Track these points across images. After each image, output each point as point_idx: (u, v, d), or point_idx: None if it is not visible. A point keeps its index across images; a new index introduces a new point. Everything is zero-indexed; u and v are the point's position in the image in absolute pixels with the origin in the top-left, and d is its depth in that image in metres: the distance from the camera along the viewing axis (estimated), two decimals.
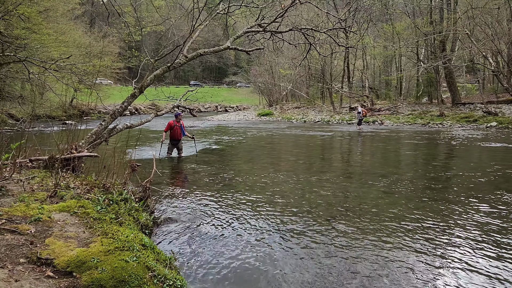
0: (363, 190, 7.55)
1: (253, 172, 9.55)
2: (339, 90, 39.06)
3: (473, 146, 14.26)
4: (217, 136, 20.43)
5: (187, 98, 11.50)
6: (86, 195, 4.64)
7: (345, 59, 37.58)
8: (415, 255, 4.37)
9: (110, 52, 37.12)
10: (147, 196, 5.43)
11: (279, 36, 10.05)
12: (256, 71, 53.16)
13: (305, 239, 4.88)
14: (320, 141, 18.09)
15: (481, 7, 25.59)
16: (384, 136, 19.30)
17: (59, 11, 26.37)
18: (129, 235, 3.70)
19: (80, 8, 39.44)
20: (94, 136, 6.47)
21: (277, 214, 5.93)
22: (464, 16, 27.12)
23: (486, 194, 7.08)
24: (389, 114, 30.88)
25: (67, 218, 3.91)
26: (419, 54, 34.95)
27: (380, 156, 12.71)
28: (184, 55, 7.88)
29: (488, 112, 24.97)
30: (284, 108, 42.65)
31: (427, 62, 32.03)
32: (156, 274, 3.11)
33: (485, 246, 4.63)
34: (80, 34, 33.60)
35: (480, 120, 24.00)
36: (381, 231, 5.16)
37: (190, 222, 5.54)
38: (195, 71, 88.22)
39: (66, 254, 3.16)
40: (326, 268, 4.07)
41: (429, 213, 5.94)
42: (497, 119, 23.26)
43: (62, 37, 24.60)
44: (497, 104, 27.25)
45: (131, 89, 7.69)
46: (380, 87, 46.21)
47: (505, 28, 26.38)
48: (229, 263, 4.19)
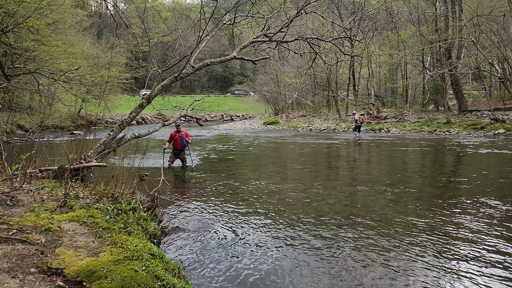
0: (371, 198, 7.52)
1: (260, 181, 9.56)
2: (345, 98, 39.05)
3: (481, 154, 14.17)
4: (223, 145, 20.48)
5: (194, 108, 11.56)
6: (95, 204, 4.69)
7: (351, 68, 37.61)
8: (424, 266, 4.35)
9: (117, 63, 37.56)
10: (155, 206, 5.47)
11: (285, 46, 10.12)
12: (262, 80, 53.37)
13: (313, 249, 4.87)
14: (326, 149, 18.07)
15: (486, 15, 25.55)
16: (391, 143, 19.24)
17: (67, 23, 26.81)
18: (138, 244, 3.73)
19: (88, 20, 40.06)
20: (102, 146, 6.54)
21: (284, 223, 5.93)
22: (469, 24, 27.09)
23: (496, 202, 7.02)
24: (396, 122, 30.78)
25: (77, 228, 3.95)
26: (424, 61, 34.91)
27: (387, 164, 12.66)
28: (191, 65, 7.97)
29: (496, 119, 24.81)
30: (290, 116, 42.68)
31: (433, 70, 31.98)
32: (165, 284, 3.13)
33: (496, 257, 4.59)
34: (88, 46, 34.06)
35: (488, 127, 23.83)
36: (390, 240, 5.14)
37: (198, 231, 5.56)
38: (201, 81, 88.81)
39: (76, 264, 3.19)
40: (334, 278, 4.06)
41: (438, 222, 5.91)
42: (504, 126, 23.09)
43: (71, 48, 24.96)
44: (504, 111, 27.06)
45: (138, 99, 7.78)
46: (386, 95, 46.14)
47: (511, 35, 26.31)
48: (237, 273, 4.19)
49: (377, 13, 35.35)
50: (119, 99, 39.30)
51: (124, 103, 33.03)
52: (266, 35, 9.31)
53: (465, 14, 28.67)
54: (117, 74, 34.47)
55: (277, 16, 12.10)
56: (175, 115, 10.14)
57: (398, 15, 36.48)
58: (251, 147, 19.30)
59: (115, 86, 37.06)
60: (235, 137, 26.94)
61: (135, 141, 7.95)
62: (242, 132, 32.58)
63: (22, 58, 16.40)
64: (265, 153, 16.77)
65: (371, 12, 34.24)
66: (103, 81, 20.39)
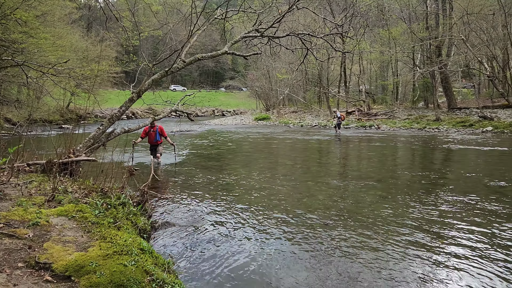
0: (360, 194, 7.58)
1: (250, 176, 9.57)
2: (336, 95, 39.17)
3: (469, 151, 14.34)
4: (214, 140, 20.44)
5: (185, 103, 11.50)
6: (84, 199, 4.65)
7: (342, 64, 37.72)
8: (413, 260, 4.40)
9: (107, 56, 37.13)
10: (145, 200, 5.44)
11: (276, 41, 10.11)
12: (254, 75, 53.28)
13: (303, 244, 4.89)
14: (317, 145, 18.13)
15: (476, 13, 25.79)
16: (381, 140, 19.37)
17: (56, 16, 26.40)
18: (127, 239, 3.71)
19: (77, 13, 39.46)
20: (92, 140, 6.48)
21: (274, 218, 5.95)
22: (459, 22, 27.32)
23: (483, 198, 7.12)
24: (386, 119, 30.99)
25: (65, 223, 3.92)
26: (415, 59, 35.15)
27: (377, 160, 12.76)
28: (182, 60, 7.92)
29: (484, 117, 25.10)
30: (281, 112, 42.71)
31: (423, 67, 32.21)
32: (155, 278, 3.12)
33: (482, 251, 4.66)
34: (77, 39, 33.62)
35: (476, 125, 24.11)
36: (379, 235, 5.19)
37: (188, 226, 5.55)
38: (192, 75, 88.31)
39: (65, 259, 3.16)
40: (325, 272, 4.09)
41: (426, 218, 5.97)
42: (492, 124, 23.38)
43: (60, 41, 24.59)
44: (492, 109, 27.39)
45: (129, 93, 7.71)
46: (376, 91, 46.38)
47: (500, 33, 26.60)
48: (227, 267, 4.20)
49: (369, 10, 35.45)
50: (109, 93, 38.93)
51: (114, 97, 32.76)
52: (257, 30, 9.29)
53: (455, 12, 28.89)
54: (107, 68, 34.09)
55: (269, 12, 12.06)
56: (166, 110, 10.04)
57: (389, 12, 36.67)
58: (242, 143, 19.29)
59: (105, 80, 36.67)
60: (226, 132, 26.90)
61: (125, 136, 7.90)
62: (233, 128, 32.53)
63: (9, 50, 16.12)
64: (256, 149, 16.77)
65: (362, 9, 34.31)
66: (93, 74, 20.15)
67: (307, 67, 39.21)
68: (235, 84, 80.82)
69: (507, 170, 10.01)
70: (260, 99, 52.20)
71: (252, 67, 54.92)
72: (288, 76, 42.76)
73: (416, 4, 32.82)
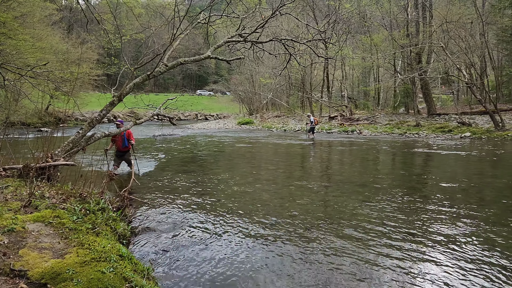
0: (342, 199, 7.63)
1: (233, 181, 9.54)
2: (319, 100, 39.50)
3: (448, 156, 14.63)
4: (196, 145, 20.33)
5: (167, 107, 11.39)
6: (61, 204, 4.55)
7: (325, 70, 38.08)
8: (392, 263, 4.45)
9: (89, 59, 36.60)
10: (125, 206, 5.37)
11: (260, 46, 10.14)
12: (237, 79, 53.32)
13: (285, 248, 4.89)
14: (300, 150, 18.22)
15: (455, 21, 26.40)
16: (363, 145, 19.59)
17: (36, 17, 25.91)
18: (106, 245, 3.65)
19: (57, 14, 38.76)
20: (71, 144, 6.36)
21: (256, 223, 5.94)
22: (439, 30, 27.92)
23: (460, 203, 7.27)
24: (368, 124, 31.38)
25: (42, 229, 3.83)
26: (396, 65, 35.74)
27: (359, 165, 12.89)
28: (164, 64, 7.87)
29: (462, 123, 25.67)
30: (264, 116, 42.80)
31: (403, 74, 32.75)
32: (134, 285, 3.08)
33: (458, 253, 4.75)
34: (57, 41, 33.03)
35: (455, 131, 24.62)
36: (359, 239, 5.23)
37: (169, 232, 5.49)
38: (175, 79, 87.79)
39: (41, 266, 3.09)
40: (305, 276, 4.10)
41: (406, 222, 6.05)
42: (470, 130, 23.92)
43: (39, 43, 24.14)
44: (470, 115, 28.04)
45: (110, 97, 7.61)
46: (358, 97, 46.99)
47: (478, 41, 27.29)
48: (208, 273, 4.16)
49: (351, 16, 35.94)
50: (90, 96, 38.36)
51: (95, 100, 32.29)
52: (241, 35, 9.30)
53: (435, 20, 29.53)
54: (88, 71, 33.59)
55: (252, 17, 12.11)
56: (148, 114, 9.90)
57: (371, 19, 37.24)
58: (225, 147, 19.24)
59: (86, 82, 36.11)
60: (209, 136, 26.80)
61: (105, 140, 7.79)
62: (216, 132, 32.44)
63: None
64: (238, 153, 16.75)
65: (344, 16, 34.78)
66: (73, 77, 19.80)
67: (291, 72, 39.50)
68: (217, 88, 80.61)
69: (484, 175, 10.24)
70: (244, 103, 52.22)
71: (235, 71, 54.99)
72: (272, 80, 42.94)
73: (397, 12, 33.43)
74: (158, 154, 15.35)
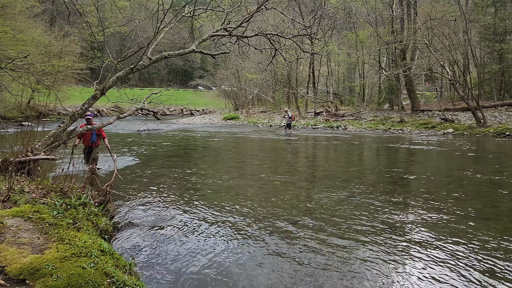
0: (326, 194, 7.68)
1: (218, 176, 9.51)
2: (305, 96, 39.62)
3: (430, 152, 14.84)
4: (181, 140, 20.21)
5: (151, 101, 11.23)
6: (41, 199, 4.47)
7: (310, 65, 38.18)
8: (375, 256, 4.49)
9: (71, 52, 35.90)
10: (107, 201, 5.29)
11: (245, 41, 10.09)
12: (223, 74, 53.09)
13: (268, 243, 4.90)
14: (286, 145, 18.26)
15: (439, 19, 26.74)
16: (348, 141, 19.75)
17: (17, 8, 25.30)
18: (87, 240, 3.59)
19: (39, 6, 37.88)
20: (52, 138, 6.23)
21: (241, 218, 5.93)
22: (423, 27, 28.23)
23: (442, 197, 7.39)
24: (353, 120, 31.62)
25: (21, 224, 3.75)
26: (381, 62, 36.06)
27: (344, 161, 12.99)
28: (148, 57, 7.76)
29: (445, 119, 26.07)
30: (250, 112, 42.76)
31: (388, 70, 33.08)
32: (115, 281, 3.04)
33: (439, 245, 4.82)
34: (39, 33, 32.28)
35: (438, 127, 25.00)
36: (343, 234, 5.27)
37: (152, 227, 5.44)
38: (161, 74, 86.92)
39: (19, 261, 3.03)
40: (288, 270, 4.11)
41: (388, 216, 6.12)
42: (453, 126, 24.32)
43: (20, 35, 23.58)
44: (453, 112, 28.50)
45: (93, 91, 7.48)
46: (344, 93, 47.25)
47: (461, 39, 27.69)
48: (191, 268, 4.14)
49: (336, 12, 36.07)
50: (73, 90, 37.68)
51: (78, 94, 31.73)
52: (226, 30, 9.24)
53: (420, 17, 29.85)
54: (71, 64, 32.97)
55: (237, 11, 12.03)
56: (132, 108, 9.74)
57: (357, 15, 37.45)
58: (210, 142, 19.16)
59: (68, 76, 35.44)
60: (194, 131, 26.65)
61: None
62: (201, 127, 32.29)
63: None
64: (224, 149, 16.70)
65: (330, 11, 34.89)
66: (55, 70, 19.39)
67: (276, 67, 39.50)
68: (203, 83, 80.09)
69: (466, 170, 10.42)
70: (229, 99, 52.06)
71: (221, 66, 54.71)
72: (257, 76, 42.88)
73: (382, 9, 33.68)
74: (142, 148, 15.20)
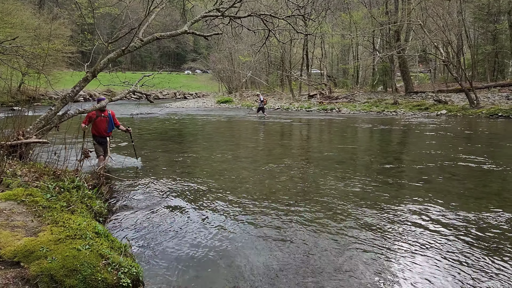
0: (321, 175, 7.70)
1: (212, 159, 9.50)
2: (298, 78, 39.42)
3: (424, 133, 14.90)
4: (175, 123, 20.10)
5: (144, 84, 11.08)
6: (34, 183, 4.43)
7: (304, 47, 37.88)
8: (369, 236, 4.53)
9: (61, 35, 35.25)
10: (101, 183, 5.26)
11: (238, 22, 9.95)
12: (216, 57, 52.52)
13: (264, 225, 4.92)
14: (280, 128, 18.24)
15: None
16: (342, 123, 19.76)
17: None
18: (81, 223, 3.57)
19: None
20: (43, 121, 6.15)
21: (235, 201, 5.94)
22: (417, 7, 28.05)
23: (435, 178, 7.44)
24: (346, 102, 31.59)
25: (14, 207, 3.72)
26: (375, 43, 35.85)
27: (338, 143, 13.01)
28: (140, 39, 7.63)
29: (439, 101, 26.12)
30: (243, 95, 42.53)
31: (382, 52, 32.93)
32: (110, 262, 3.03)
33: (431, 225, 4.87)
34: (28, 15, 31.63)
35: (431, 108, 25.06)
36: (338, 214, 5.30)
37: (147, 210, 5.43)
38: (153, 57, 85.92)
39: (13, 244, 3.01)
40: (285, 251, 4.13)
41: (383, 197, 6.16)
42: (446, 107, 24.39)
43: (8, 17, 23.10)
44: (447, 93, 28.55)
45: (84, 74, 7.35)
46: (338, 75, 47.04)
47: (455, 19, 27.55)
48: (187, 250, 4.15)
49: None
50: (64, 73, 37.16)
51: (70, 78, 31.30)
52: (218, 10, 9.09)
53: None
54: (61, 47, 32.41)
55: None
56: (124, 91, 9.58)
57: None
58: (204, 126, 19.09)
59: (59, 60, 34.89)
60: (188, 115, 26.51)
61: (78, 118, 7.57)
62: (195, 111, 32.12)
63: None
64: (218, 132, 16.65)
65: None
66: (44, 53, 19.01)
67: (270, 50, 39.14)
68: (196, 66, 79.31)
69: (458, 151, 10.49)
70: (223, 82, 51.65)
71: (214, 49, 54.09)
72: (251, 58, 42.49)
73: None
74: (136, 132, 15.11)
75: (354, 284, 3.44)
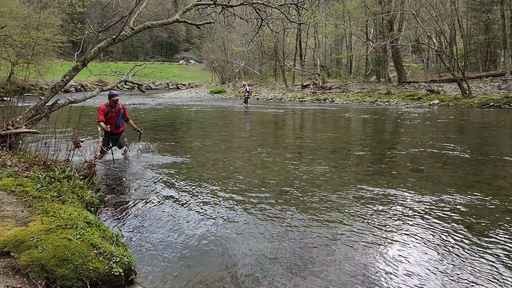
0: (314, 165, 7.71)
1: (205, 149, 9.47)
2: (292, 68, 39.32)
3: (416, 123, 14.97)
4: (168, 114, 19.99)
5: (136, 73, 10.94)
6: (24, 173, 4.38)
7: (297, 37, 37.72)
8: (362, 225, 4.55)
9: (52, 24, 34.73)
10: (92, 173, 5.22)
11: (230, 11, 9.84)
12: (208, 47, 52.17)
13: (257, 214, 4.92)
14: (273, 118, 18.22)
15: None
16: (335, 113, 19.78)
17: None
18: (72, 213, 3.55)
19: None
20: (33, 111, 6.07)
21: (228, 190, 5.93)
22: None
23: (427, 167, 7.50)
24: (340, 92, 31.59)
25: (4, 197, 3.68)
26: (368, 33, 35.78)
27: (331, 133, 13.02)
28: (131, 27, 7.52)
29: (431, 91, 26.22)
30: (237, 85, 42.37)
31: (375, 42, 32.89)
32: (102, 251, 3.02)
33: (424, 215, 4.91)
34: (17, 4, 31.07)
35: (424, 98, 25.15)
36: (330, 204, 5.32)
37: (139, 200, 5.41)
38: (145, 47, 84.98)
39: (3, 234, 2.98)
40: (277, 240, 4.14)
41: (374, 186, 6.19)
42: (439, 97, 24.49)
43: None
44: (439, 83, 28.64)
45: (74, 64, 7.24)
46: (331, 65, 46.99)
47: (448, 9, 27.52)
48: (179, 239, 4.14)
49: None
50: (54, 63, 36.68)
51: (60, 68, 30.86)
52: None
53: None
54: (51, 36, 31.93)
55: None
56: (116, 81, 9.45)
57: None
58: (197, 116, 19.01)
59: (50, 50, 34.40)
60: (180, 105, 26.37)
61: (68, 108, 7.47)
62: (188, 101, 31.96)
63: None
64: (211, 122, 16.59)
65: None
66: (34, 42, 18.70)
67: (263, 39, 38.89)
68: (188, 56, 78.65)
69: (450, 140, 10.56)
70: (216, 72, 51.40)
71: (207, 39, 53.69)
72: (244, 48, 42.26)
73: None
74: None
75: (347, 271, 3.46)
